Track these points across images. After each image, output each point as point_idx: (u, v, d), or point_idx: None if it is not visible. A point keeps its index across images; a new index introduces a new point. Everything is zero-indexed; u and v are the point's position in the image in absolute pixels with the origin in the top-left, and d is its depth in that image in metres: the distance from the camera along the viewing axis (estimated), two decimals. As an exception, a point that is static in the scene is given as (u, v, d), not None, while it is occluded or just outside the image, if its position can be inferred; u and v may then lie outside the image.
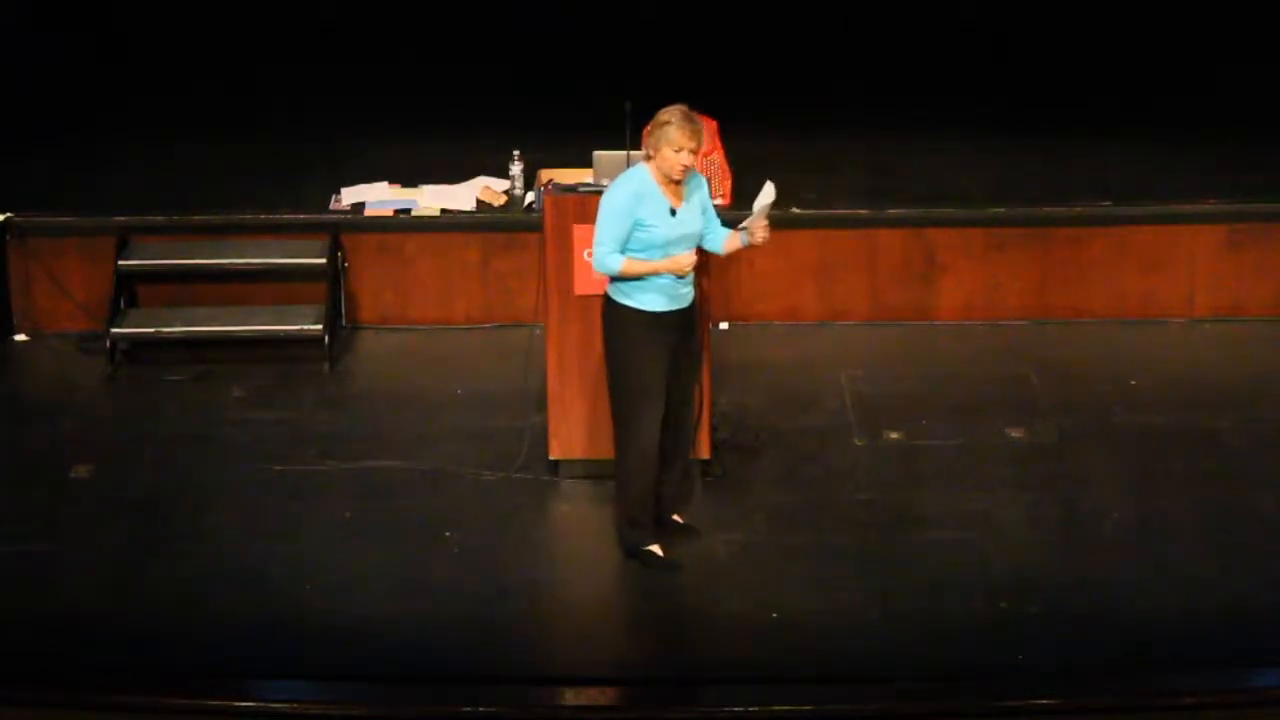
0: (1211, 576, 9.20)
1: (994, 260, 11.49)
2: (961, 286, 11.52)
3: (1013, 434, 10.40)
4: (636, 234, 8.92)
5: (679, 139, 8.84)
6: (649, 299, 9.02)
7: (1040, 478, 10.00)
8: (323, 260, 11.35)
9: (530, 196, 11.44)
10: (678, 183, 8.96)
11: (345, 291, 11.48)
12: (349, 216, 11.51)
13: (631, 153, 9.69)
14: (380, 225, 11.47)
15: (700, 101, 11.47)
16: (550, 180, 10.25)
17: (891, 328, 11.49)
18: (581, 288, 9.67)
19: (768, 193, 9.09)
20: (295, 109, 12.85)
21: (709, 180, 11.06)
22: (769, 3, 13.78)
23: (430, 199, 11.56)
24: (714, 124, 11.45)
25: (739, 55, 13.24)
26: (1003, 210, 11.51)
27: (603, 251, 8.93)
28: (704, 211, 9.11)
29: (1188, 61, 13.16)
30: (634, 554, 9.30)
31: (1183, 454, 10.19)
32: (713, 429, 9.94)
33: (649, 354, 9.05)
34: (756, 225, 9.07)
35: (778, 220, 11.36)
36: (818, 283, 11.53)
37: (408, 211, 11.50)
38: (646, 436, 9.14)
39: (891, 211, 11.50)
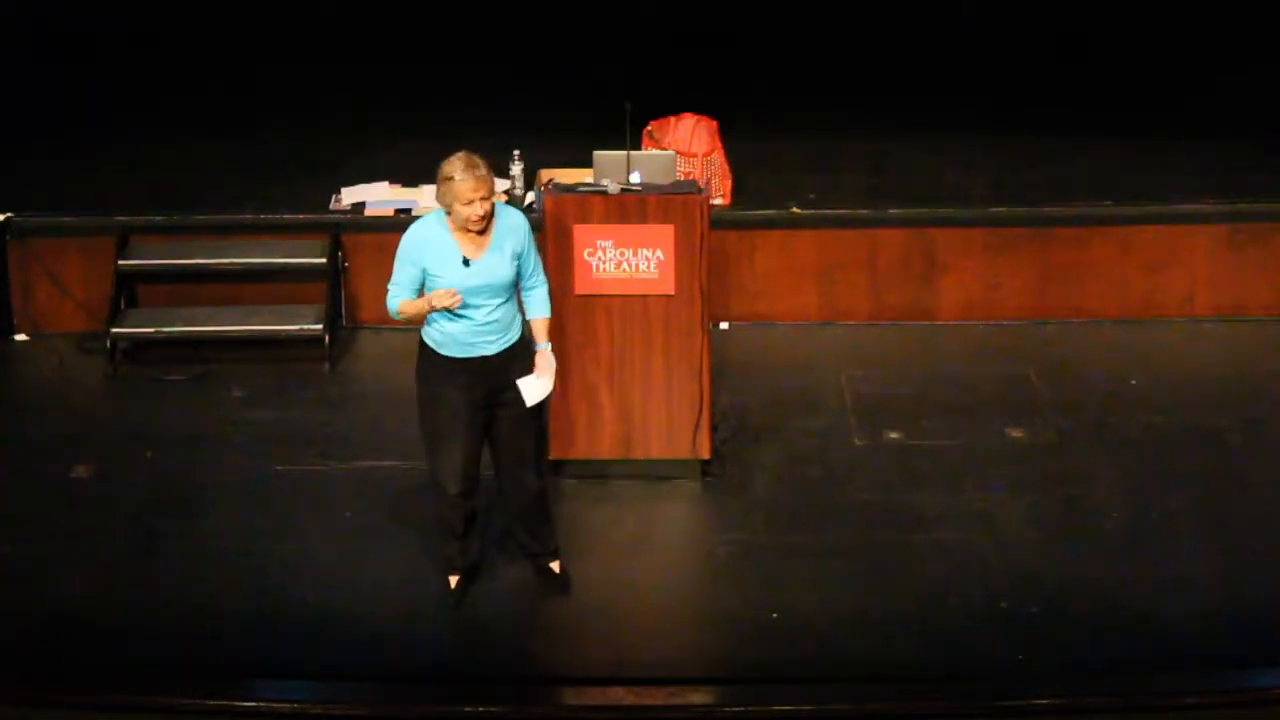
0: (1211, 576, 9.19)
1: (994, 260, 11.48)
2: (961, 286, 11.51)
3: (1013, 434, 10.39)
4: (428, 281, 8.62)
5: (466, 192, 8.46)
6: (444, 343, 8.71)
7: (1040, 478, 10.00)
8: (323, 260, 11.35)
9: (530, 196, 11.43)
10: (480, 232, 8.60)
11: (345, 291, 11.48)
12: (349, 216, 11.51)
13: (632, 153, 9.69)
14: (380, 225, 11.45)
15: (700, 102, 11.55)
16: (550, 180, 10.24)
17: (891, 328, 11.48)
18: (581, 287, 9.68)
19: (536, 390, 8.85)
20: (295, 109, 12.84)
21: (708, 181, 11.10)
22: (769, 2, 13.77)
23: (430, 199, 11.53)
24: (714, 124, 11.45)
25: (739, 55, 13.23)
26: (1003, 210, 11.50)
27: (390, 294, 8.66)
28: (517, 258, 8.69)
29: (1188, 62, 13.14)
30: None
31: (1183, 454, 10.19)
32: (713, 429, 9.94)
33: (444, 398, 8.75)
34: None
35: (778, 221, 11.45)
36: (818, 283, 11.52)
37: (408, 211, 11.49)
38: (442, 474, 8.84)
39: (891, 211, 11.49)
